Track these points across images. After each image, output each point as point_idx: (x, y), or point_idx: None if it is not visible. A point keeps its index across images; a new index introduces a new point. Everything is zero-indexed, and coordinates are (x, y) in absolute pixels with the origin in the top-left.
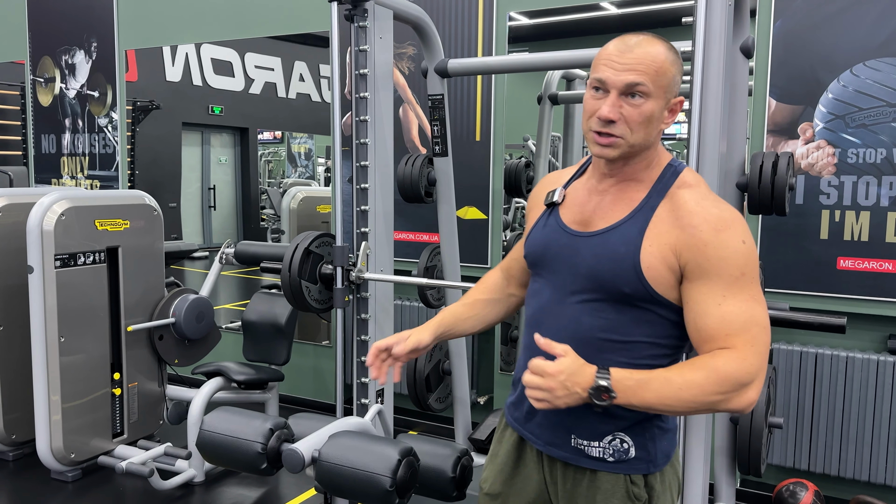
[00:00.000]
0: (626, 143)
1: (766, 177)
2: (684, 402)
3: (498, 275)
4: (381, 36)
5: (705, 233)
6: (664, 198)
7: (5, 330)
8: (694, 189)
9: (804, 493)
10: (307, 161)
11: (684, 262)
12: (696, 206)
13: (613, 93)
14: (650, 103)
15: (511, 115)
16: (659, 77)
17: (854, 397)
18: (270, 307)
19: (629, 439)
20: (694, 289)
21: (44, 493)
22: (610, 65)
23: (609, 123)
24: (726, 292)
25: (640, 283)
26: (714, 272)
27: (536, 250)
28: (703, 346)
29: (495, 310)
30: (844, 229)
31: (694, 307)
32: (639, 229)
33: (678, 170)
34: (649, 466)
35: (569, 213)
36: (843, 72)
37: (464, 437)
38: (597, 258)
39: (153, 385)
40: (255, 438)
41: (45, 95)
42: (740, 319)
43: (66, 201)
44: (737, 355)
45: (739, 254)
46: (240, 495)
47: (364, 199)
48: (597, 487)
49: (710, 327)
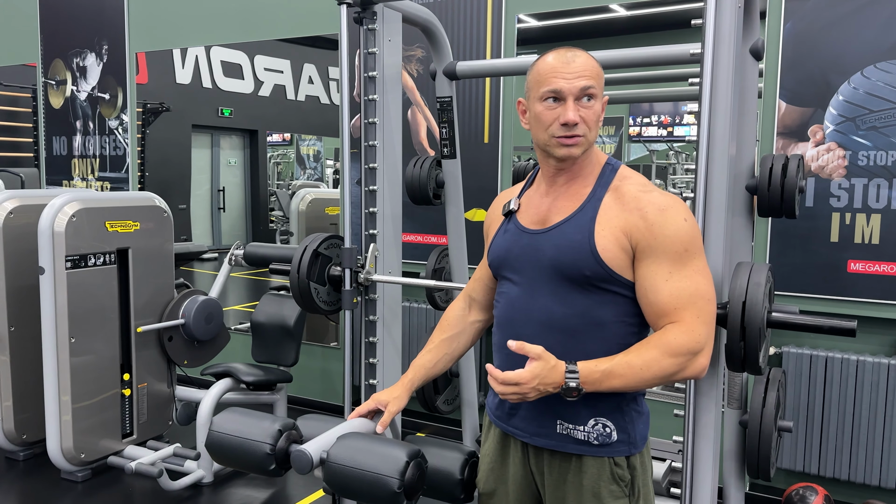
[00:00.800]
0: (586, 141)
1: (776, 179)
2: (646, 381)
3: (459, 306)
4: (390, 38)
5: (651, 213)
6: (608, 190)
7: (16, 330)
8: (633, 179)
9: (814, 498)
10: (316, 163)
11: (635, 242)
12: (638, 192)
13: (570, 99)
14: (598, 103)
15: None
16: (599, 80)
17: (864, 401)
18: (279, 309)
19: (611, 424)
20: (644, 267)
21: (54, 493)
22: (561, 76)
23: (573, 126)
24: (672, 268)
25: (598, 264)
26: (661, 249)
27: (500, 254)
28: (657, 321)
29: (461, 342)
30: (855, 232)
31: (644, 284)
32: (590, 217)
33: (615, 167)
34: (630, 448)
35: (526, 217)
36: (854, 74)
37: (471, 440)
38: (557, 248)
39: (162, 386)
40: (263, 439)
41: (57, 98)
42: (686, 293)
43: (77, 203)
44: (685, 328)
45: (683, 231)
46: (248, 496)
47: (372, 201)
48: (583, 472)
49: (661, 302)
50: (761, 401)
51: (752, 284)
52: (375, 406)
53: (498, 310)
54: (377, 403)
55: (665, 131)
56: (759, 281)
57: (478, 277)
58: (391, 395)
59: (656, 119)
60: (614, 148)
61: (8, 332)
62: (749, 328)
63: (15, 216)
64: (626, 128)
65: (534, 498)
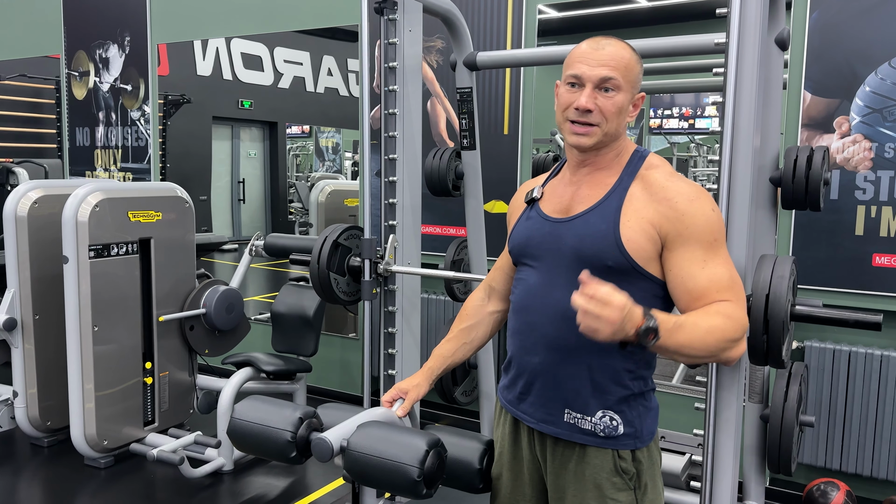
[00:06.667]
0: (600, 132)
1: (801, 171)
2: (707, 345)
3: (478, 296)
4: (411, 29)
5: (681, 203)
6: (635, 179)
7: (41, 319)
8: (661, 169)
9: (835, 493)
10: (334, 155)
11: (665, 233)
12: (666, 181)
13: (589, 86)
14: (620, 96)
15: (539, 109)
16: (627, 73)
17: (888, 396)
18: (299, 299)
19: (618, 417)
20: (676, 255)
21: (77, 479)
22: (585, 61)
23: (586, 113)
24: (706, 256)
25: (622, 255)
26: (693, 238)
27: (521, 241)
28: (693, 304)
29: (480, 332)
30: (881, 225)
31: (679, 272)
32: (615, 207)
33: (643, 155)
34: (636, 442)
35: (549, 205)
36: (882, 64)
37: (489, 431)
38: (579, 238)
39: (184, 374)
40: (284, 427)
41: (80, 89)
42: (725, 278)
43: (100, 193)
44: (736, 306)
45: (713, 220)
46: (268, 484)
47: (392, 192)
48: (586, 463)
49: (700, 286)
50: (783, 395)
51: (775, 277)
52: (398, 394)
53: (515, 295)
54: (399, 392)
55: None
56: (782, 274)
57: (498, 267)
58: (411, 383)
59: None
60: (634, 140)
61: (33, 320)
62: (772, 321)
63: (39, 206)
64: (647, 119)
65: (542, 483)
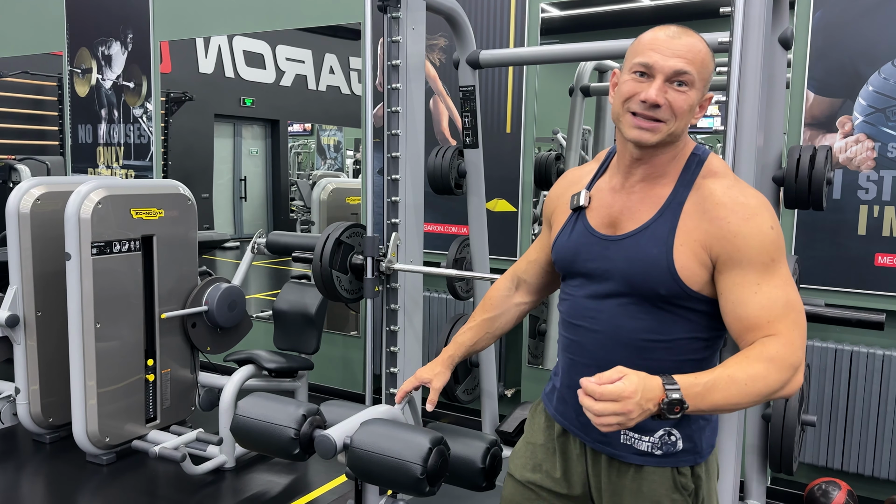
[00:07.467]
0: (667, 130)
1: (804, 171)
2: (749, 396)
3: (504, 286)
4: (414, 27)
5: (734, 223)
6: (691, 190)
7: (43, 316)
8: (720, 179)
9: (837, 493)
10: (336, 153)
11: (716, 255)
12: (723, 196)
13: (660, 77)
14: (692, 93)
15: (541, 108)
16: (702, 69)
17: (890, 396)
18: (301, 297)
19: (677, 432)
20: (728, 279)
21: (79, 476)
22: (659, 50)
23: (654, 107)
24: (760, 279)
25: (676, 283)
26: (746, 261)
27: (566, 256)
28: (745, 334)
29: (503, 322)
30: (883, 225)
31: (730, 297)
32: (669, 228)
33: (703, 158)
34: (696, 458)
35: (596, 216)
36: (885, 64)
37: (491, 430)
38: (629, 262)
39: (186, 372)
40: (288, 424)
41: (82, 86)
42: (779, 304)
43: (103, 190)
44: (785, 340)
45: (769, 240)
46: (270, 481)
47: (394, 190)
48: (642, 478)
49: (750, 315)
50: None
51: None
52: (418, 383)
53: (564, 309)
54: (419, 381)
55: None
56: None
57: (532, 259)
58: (433, 371)
59: None
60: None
61: (35, 317)
62: None
63: (42, 203)
64: None
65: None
